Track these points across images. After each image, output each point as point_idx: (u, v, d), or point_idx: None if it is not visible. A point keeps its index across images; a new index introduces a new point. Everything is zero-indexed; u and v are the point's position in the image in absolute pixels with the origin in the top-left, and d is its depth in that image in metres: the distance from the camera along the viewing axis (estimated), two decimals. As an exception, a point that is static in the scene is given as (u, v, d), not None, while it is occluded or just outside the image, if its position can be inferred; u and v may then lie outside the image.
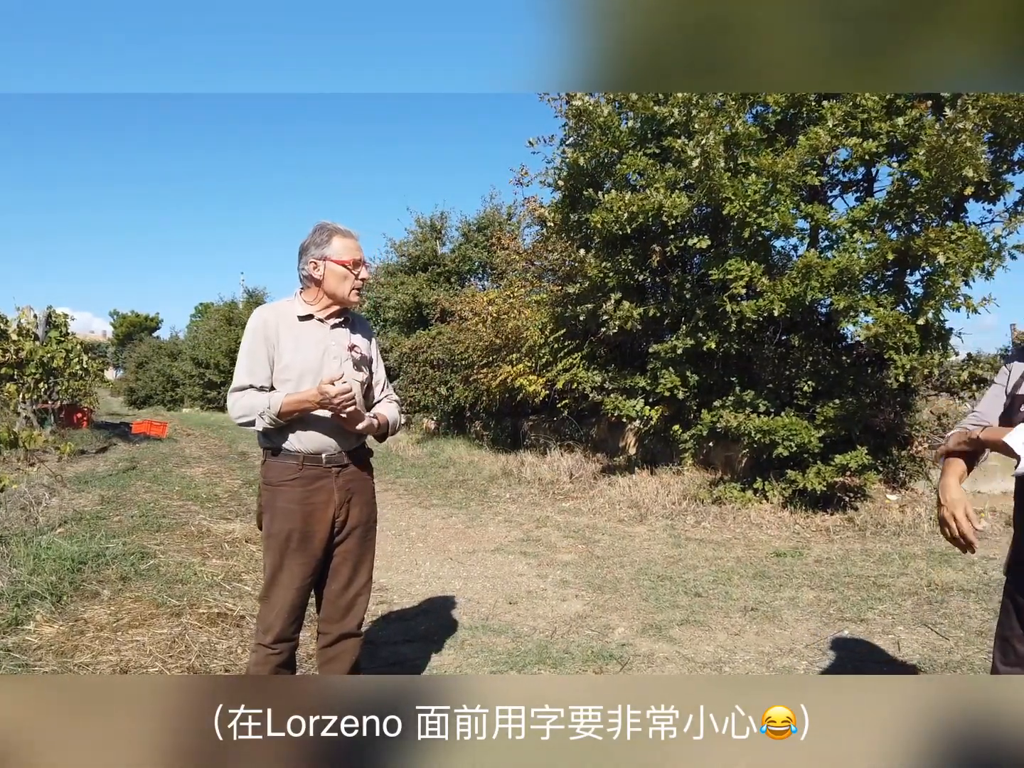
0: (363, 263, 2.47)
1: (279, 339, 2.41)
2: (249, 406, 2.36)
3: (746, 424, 6.64)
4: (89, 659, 3.44)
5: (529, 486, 8.85)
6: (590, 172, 7.60)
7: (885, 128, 6.22)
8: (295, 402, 2.32)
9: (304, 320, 2.46)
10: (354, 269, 2.43)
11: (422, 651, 3.75)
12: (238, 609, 4.19)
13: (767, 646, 3.87)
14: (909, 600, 4.55)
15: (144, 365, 39.11)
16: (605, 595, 4.74)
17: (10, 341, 10.48)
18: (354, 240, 2.47)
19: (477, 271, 16.82)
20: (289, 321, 2.44)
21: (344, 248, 2.42)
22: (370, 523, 2.57)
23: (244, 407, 2.37)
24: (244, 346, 2.44)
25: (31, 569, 4.47)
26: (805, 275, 6.16)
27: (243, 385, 2.40)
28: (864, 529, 6.26)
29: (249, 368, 2.41)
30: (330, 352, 2.45)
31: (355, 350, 2.52)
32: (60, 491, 7.38)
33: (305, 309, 2.46)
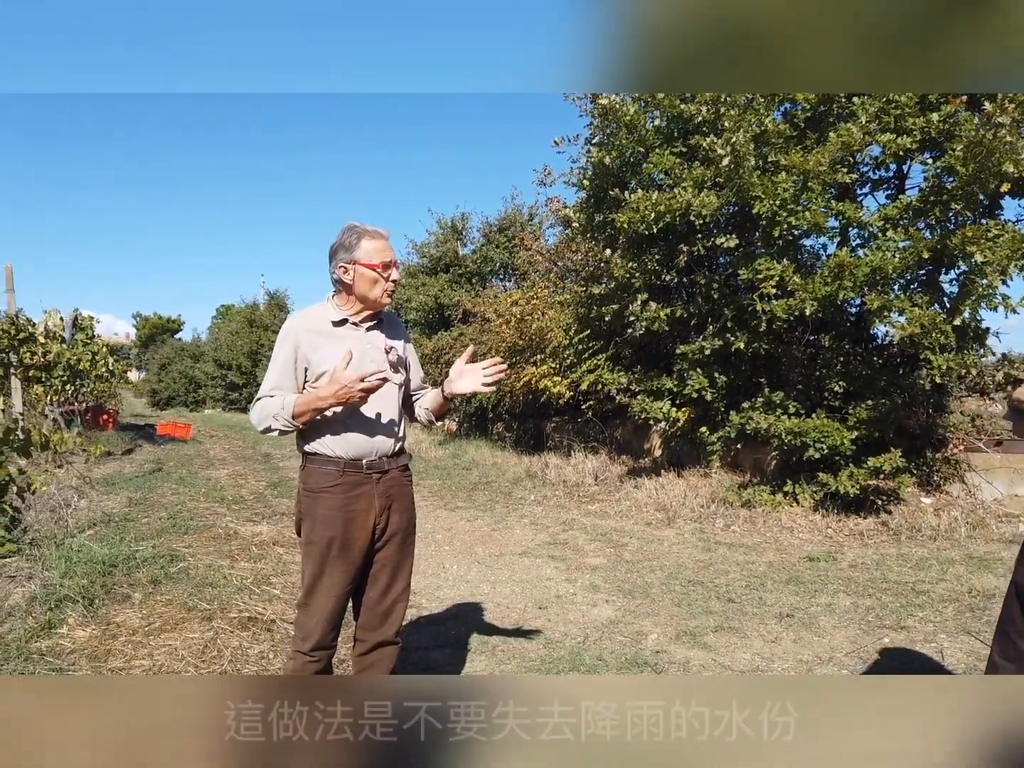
0: (394, 264, 2.40)
1: (312, 347, 2.36)
2: (267, 411, 2.32)
3: (776, 426, 6.54)
4: (122, 663, 3.44)
5: (554, 488, 8.79)
6: (616, 171, 7.52)
7: (919, 124, 6.09)
8: (308, 400, 2.26)
9: (338, 325, 2.41)
10: (384, 272, 2.36)
11: (454, 657, 3.71)
12: (268, 613, 4.17)
13: (805, 654, 3.79)
14: (950, 607, 4.44)
15: (167, 367, 39.54)
16: (636, 600, 4.67)
17: (37, 344, 10.57)
18: (384, 240, 2.39)
19: (498, 272, 16.79)
20: (322, 328, 2.40)
21: (374, 250, 2.35)
22: (409, 529, 2.53)
23: (262, 413, 2.33)
24: (274, 355, 2.41)
25: (63, 572, 4.48)
26: (837, 274, 6.05)
27: (266, 394, 2.37)
28: (899, 533, 6.14)
29: (276, 380, 2.37)
30: (367, 356, 2.41)
31: (392, 352, 2.48)
32: (88, 493, 7.43)
33: (339, 314, 2.42)
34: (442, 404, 2.59)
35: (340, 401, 2.23)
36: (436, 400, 2.59)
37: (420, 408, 2.66)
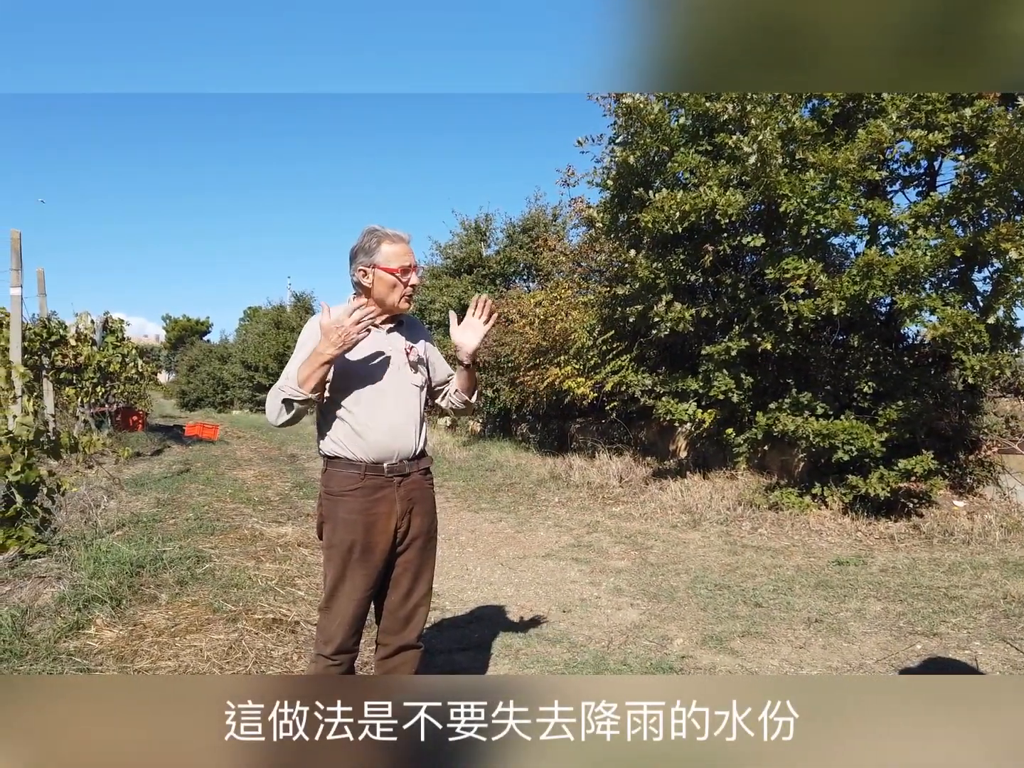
0: (413, 268, 2.38)
1: None
2: (274, 391, 2.29)
3: (804, 427, 6.44)
4: (148, 664, 3.46)
5: (578, 490, 8.74)
6: (640, 171, 7.46)
7: (951, 120, 5.96)
8: (310, 361, 2.21)
9: None
10: (403, 276, 2.34)
11: (477, 660, 3.69)
12: (292, 615, 4.18)
13: (835, 660, 3.72)
14: (984, 613, 4.33)
15: (195, 368, 40.10)
16: (661, 604, 4.62)
17: (69, 347, 10.75)
18: (404, 244, 2.37)
19: (522, 273, 16.78)
20: None
21: (393, 254, 2.33)
22: (431, 533, 2.52)
23: (272, 395, 2.30)
24: (296, 352, 2.39)
25: (91, 573, 4.53)
26: (866, 273, 5.94)
27: None
28: (931, 537, 6.02)
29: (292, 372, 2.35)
30: (388, 358, 2.41)
31: (411, 353, 2.47)
32: (118, 494, 7.52)
33: None
34: (466, 376, 2.59)
35: (338, 346, 2.17)
36: (459, 376, 2.61)
37: (450, 394, 2.67)
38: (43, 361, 9.92)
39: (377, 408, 2.35)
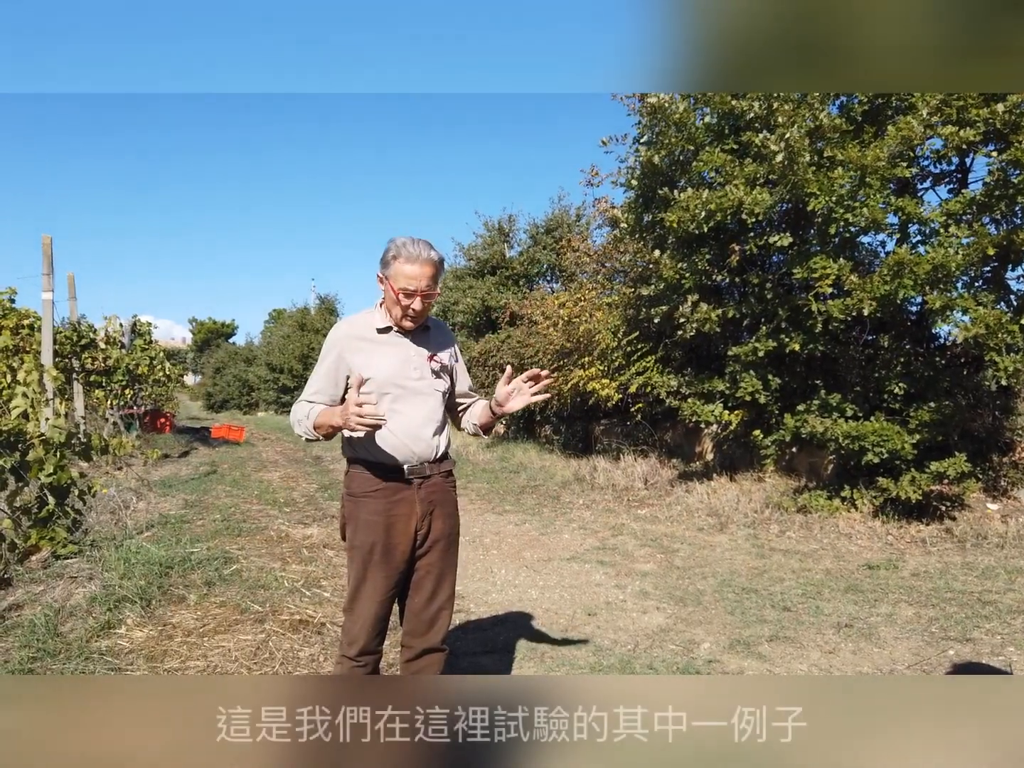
0: (418, 293, 2.30)
1: (356, 354, 2.37)
2: (297, 416, 2.39)
3: (833, 429, 6.35)
4: (178, 664, 3.49)
5: (603, 492, 8.70)
6: (665, 170, 7.41)
7: (983, 115, 5.85)
8: (327, 416, 2.29)
9: (383, 332, 2.41)
10: (405, 299, 2.30)
11: (502, 663, 3.68)
12: (319, 616, 4.20)
13: (865, 665, 3.65)
14: (1019, 619, 4.23)
15: (221, 370, 40.54)
16: (688, 608, 4.58)
17: (98, 350, 10.91)
18: (417, 267, 2.27)
19: (545, 274, 16.75)
20: (366, 334, 2.41)
21: (402, 274, 2.29)
22: (452, 536, 2.50)
23: (294, 417, 2.41)
24: (319, 361, 2.45)
25: (122, 573, 4.59)
26: (897, 272, 5.85)
27: (306, 399, 2.42)
28: (963, 541, 5.90)
29: (318, 385, 2.41)
30: (410, 362, 2.41)
31: (435, 359, 2.46)
32: (146, 495, 7.62)
33: (384, 321, 2.41)
34: (490, 419, 2.56)
35: (346, 426, 2.21)
36: (485, 415, 2.55)
37: (468, 421, 2.64)
38: (73, 364, 10.08)
39: (398, 411, 2.35)
